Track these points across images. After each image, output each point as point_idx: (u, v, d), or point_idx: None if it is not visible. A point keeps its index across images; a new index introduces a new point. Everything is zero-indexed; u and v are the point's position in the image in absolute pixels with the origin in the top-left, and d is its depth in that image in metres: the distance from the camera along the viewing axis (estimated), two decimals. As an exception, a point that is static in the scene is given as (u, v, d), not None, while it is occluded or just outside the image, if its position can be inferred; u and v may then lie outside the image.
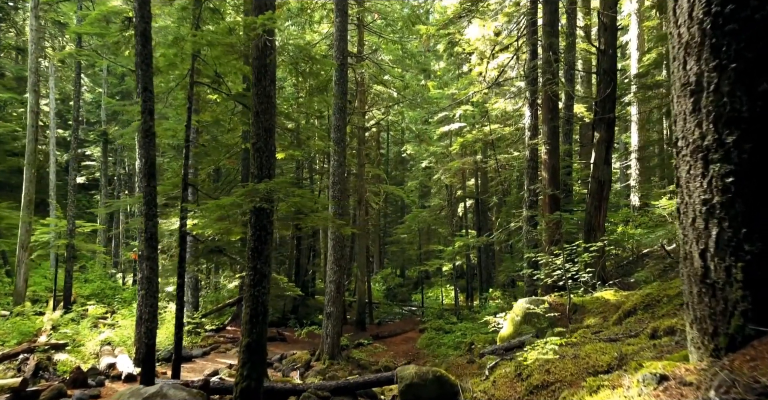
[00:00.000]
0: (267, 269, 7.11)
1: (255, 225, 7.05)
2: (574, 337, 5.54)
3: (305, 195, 7.02)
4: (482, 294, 23.96)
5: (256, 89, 7.36)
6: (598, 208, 12.35)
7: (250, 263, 7.09)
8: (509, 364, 4.73)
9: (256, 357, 6.84)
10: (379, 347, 16.36)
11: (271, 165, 7.27)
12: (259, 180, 7.00)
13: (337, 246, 14.44)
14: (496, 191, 24.03)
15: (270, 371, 13.39)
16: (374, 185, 25.63)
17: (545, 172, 13.08)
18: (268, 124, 7.31)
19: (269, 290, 7.21)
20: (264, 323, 7.03)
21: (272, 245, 7.28)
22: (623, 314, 5.86)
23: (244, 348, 6.84)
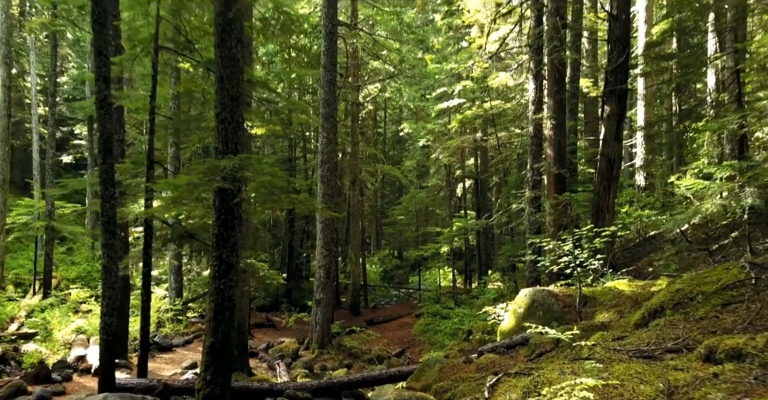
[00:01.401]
0: (234, 258, 6.20)
1: (220, 208, 6.11)
2: (591, 340, 4.65)
3: (277, 174, 6.06)
4: (481, 277, 23.17)
5: (219, 51, 6.35)
6: (608, 188, 11.40)
7: (214, 251, 6.17)
8: (515, 384, 3.83)
9: (221, 360, 5.96)
10: (372, 335, 15.59)
11: (238, 139, 6.29)
12: (223, 156, 6.04)
13: (327, 229, 13.54)
14: (497, 170, 23.06)
15: (255, 362, 12.62)
16: (370, 165, 24.65)
17: (550, 149, 12.09)
18: (234, 92, 6.31)
19: (237, 283, 6.31)
20: (231, 320, 6.14)
21: (242, 230, 6.35)
22: (648, 313, 4.95)
23: (208, 349, 5.96)
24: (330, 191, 13.61)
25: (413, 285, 28.84)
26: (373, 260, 33.01)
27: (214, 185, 5.86)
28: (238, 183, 5.87)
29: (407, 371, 7.34)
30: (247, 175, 5.92)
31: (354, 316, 20.00)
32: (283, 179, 6.06)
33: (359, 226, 21.62)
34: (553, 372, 3.43)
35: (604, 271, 8.87)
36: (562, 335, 5.66)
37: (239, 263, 6.31)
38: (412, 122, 27.02)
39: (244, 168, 5.95)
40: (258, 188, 6.08)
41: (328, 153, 13.61)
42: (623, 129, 11.80)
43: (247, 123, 10.19)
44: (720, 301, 4.35)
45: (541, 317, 7.50)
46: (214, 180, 5.65)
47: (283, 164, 25.19)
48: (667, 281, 7.16)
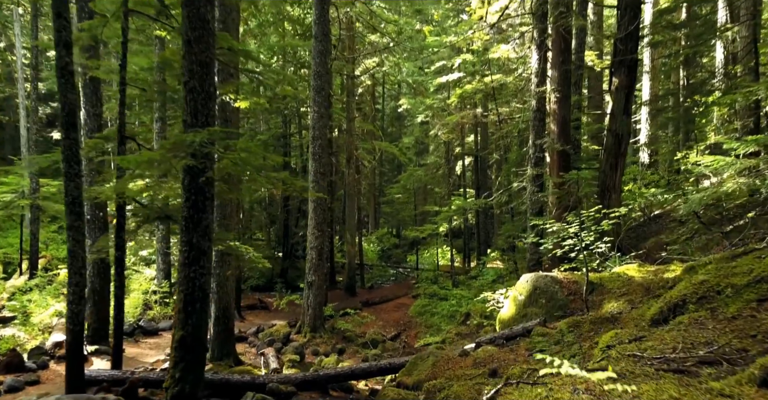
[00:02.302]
0: (206, 243, 5.60)
1: (189, 188, 5.48)
2: (603, 340, 4.07)
3: (252, 149, 5.41)
4: (480, 256, 22.68)
5: (186, 10, 5.63)
6: (615, 166, 10.75)
7: (183, 235, 5.56)
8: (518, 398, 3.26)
9: (192, 355, 5.41)
10: (367, 317, 15.11)
11: (209, 111, 5.62)
12: (192, 130, 5.38)
13: (319, 209, 12.93)
14: (497, 147, 22.34)
15: (244, 347, 12.17)
16: (367, 142, 23.92)
17: (554, 124, 11.40)
18: (203, 57, 5.62)
19: (211, 270, 5.72)
20: (203, 312, 5.57)
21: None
22: (667, 307, 4.37)
23: (177, 344, 5.41)
24: (322, 169, 12.96)
25: (411, 264, 28.39)
26: (371, 238, 32.49)
27: (182, 162, 5.22)
28: (207, 160, 5.23)
29: (399, 363, 6.82)
30: (218, 151, 5.27)
31: (350, 296, 19.55)
32: (258, 156, 5.41)
33: (355, 205, 21.00)
34: (564, 390, 2.85)
35: (610, 255, 8.29)
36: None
37: (212, 249, 5.72)
38: (411, 97, 26.17)
39: (215, 143, 5.30)
40: (233, 166, 5.44)
41: (319, 129, 12.91)
42: (632, 102, 11.08)
43: (230, 96, 9.50)
44: (754, 296, 3.76)
45: (544, 305, 6.95)
46: (179, 156, 5.00)
47: (277, 141, 24.47)
48: (682, 266, 6.58)
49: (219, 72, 9.94)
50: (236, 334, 12.76)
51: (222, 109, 10.09)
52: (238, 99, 9.37)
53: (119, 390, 6.07)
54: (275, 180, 5.76)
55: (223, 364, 9.79)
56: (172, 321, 5.59)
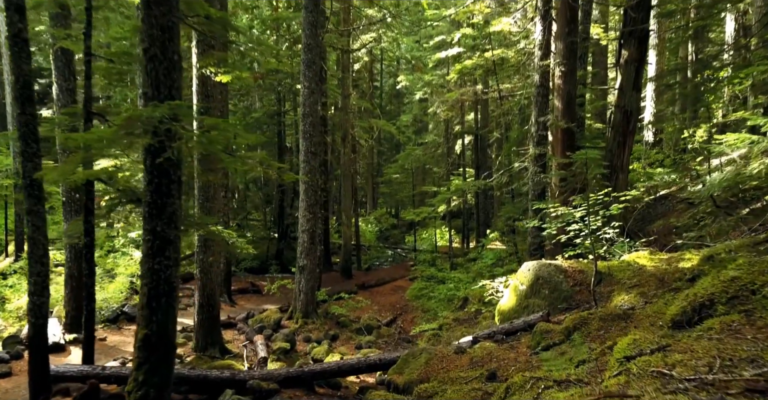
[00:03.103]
0: (172, 231, 5.01)
1: (151, 170, 4.87)
2: (619, 347, 3.51)
3: (221, 126, 4.78)
4: (479, 238, 22.16)
5: (145, -33, 4.94)
6: (623, 144, 10.14)
7: (146, 223, 4.98)
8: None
9: (158, 355, 4.87)
10: (362, 301, 14.63)
11: (173, 82, 4.98)
12: (153, 103, 4.75)
13: (310, 190, 12.33)
14: (498, 125, 21.61)
15: (232, 334, 11.71)
16: (364, 120, 23.18)
17: (558, 100, 10.72)
18: (165, 21, 4.95)
19: (179, 261, 5.15)
20: (170, 307, 5.01)
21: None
22: (691, 306, 3.80)
23: (140, 343, 4.86)
24: (313, 148, 12.31)
25: (409, 245, 27.93)
26: (369, 219, 31.96)
27: (140, 141, 4.60)
28: (170, 139, 4.60)
29: (389, 359, 6.31)
30: (183, 128, 4.64)
31: (346, 279, 19.10)
32: (227, 134, 4.78)
33: (351, 185, 20.38)
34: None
35: (618, 241, 7.72)
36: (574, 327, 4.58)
37: (179, 237, 5.13)
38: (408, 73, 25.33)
39: (178, 119, 4.67)
40: (198, 145, 4.82)
41: (310, 105, 12.21)
42: (642, 77, 10.40)
43: (210, 69, 8.81)
44: (798, 299, 3.19)
45: (547, 296, 6.41)
46: (133, 134, 4.38)
47: (270, 118, 23.73)
48: (698, 254, 6.01)
49: (198, 44, 9.25)
50: (225, 320, 12.30)
51: (203, 83, 9.42)
52: (219, 73, 8.67)
53: (77, 395, 5.55)
54: (251, 161, 5.15)
55: (207, 354, 9.32)
56: (137, 322, 5.05)
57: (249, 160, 5.17)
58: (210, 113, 9.46)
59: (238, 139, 4.86)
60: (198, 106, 9.40)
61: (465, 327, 11.24)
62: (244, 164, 5.12)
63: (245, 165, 5.15)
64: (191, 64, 9.81)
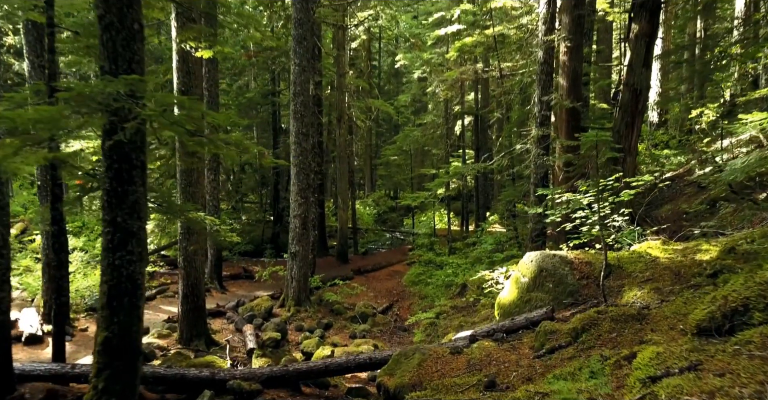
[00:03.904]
0: (136, 222, 4.49)
1: (110, 154, 4.32)
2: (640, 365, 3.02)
3: (187, 104, 4.22)
4: (479, 221, 21.69)
5: None
6: (631, 125, 9.56)
7: (106, 213, 4.45)
8: None
9: (120, 361, 4.39)
10: (357, 288, 14.21)
11: (134, 55, 4.39)
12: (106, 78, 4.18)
13: (302, 174, 11.78)
14: (499, 105, 20.92)
15: (221, 323, 11.28)
16: (361, 100, 22.51)
17: (563, 78, 10.10)
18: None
19: (144, 256, 4.64)
20: (135, 307, 4.51)
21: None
22: (721, 311, 3.30)
23: (100, 347, 4.38)
24: (305, 129, 11.72)
25: (408, 228, 27.48)
26: (367, 201, 31.46)
27: (93, 120, 4.04)
28: (125, 119, 4.04)
29: (380, 358, 5.85)
30: (143, 106, 4.07)
31: (342, 263, 18.66)
32: (193, 113, 4.22)
33: (347, 167, 19.81)
34: None
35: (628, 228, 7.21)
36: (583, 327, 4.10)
37: (144, 229, 4.61)
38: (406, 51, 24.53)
39: (137, 96, 4.10)
40: (166, 126, 4.26)
41: (301, 84, 11.59)
42: (653, 53, 9.77)
43: (190, 44, 8.20)
44: None
45: (551, 290, 5.92)
46: (80, 113, 3.82)
47: (264, 98, 23.04)
48: (717, 244, 5.50)
49: (177, 16, 8.60)
50: (214, 308, 11.88)
51: (183, 59, 8.80)
52: (200, 47, 8.06)
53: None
54: (224, 144, 4.60)
55: (192, 347, 8.89)
56: (96, 323, 4.57)
57: (222, 144, 4.62)
58: (192, 92, 8.88)
59: (207, 118, 4.31)
60: (179, 84, 8.81)
61: (463, 316, 10.81)
62: (217, 148, 4.58)
63: (218, 148, 4.61)
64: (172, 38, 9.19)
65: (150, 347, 8.58)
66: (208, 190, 13.93)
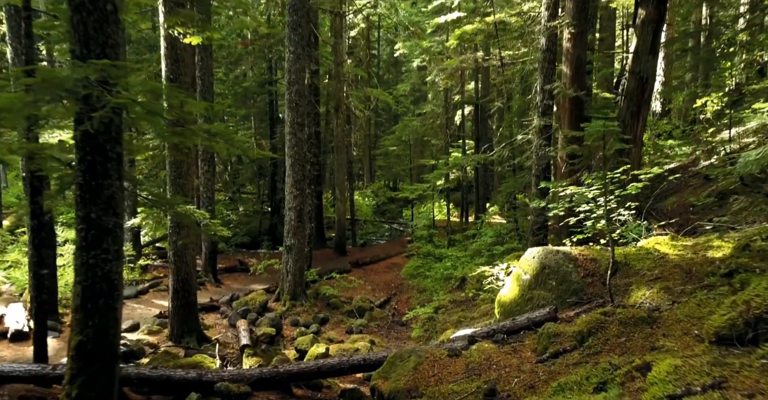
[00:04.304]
0: (112, 219, 4.19)
1: (83, 146, 4.02)
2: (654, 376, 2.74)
3: (158, 90, 3.90)
4: (479, 212, 21.40)
5: None
6: (636, 114, 9.24)
7: (79, 209, 4.16)
8: None
9: (96, 367, 4.12)
10: (354, 281, 13.95)
11: (107, 38, 4.06)
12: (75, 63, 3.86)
13: (297, 165, 11.47)
14: (500, 94, 20.55)
15: (214, 318, 11.04)
16: (358, 89, 22.12)
17: (567, 65, 9.76)
18: (93, -39, 4.01)
19: (121, 254, 4.35)
20: (111, 309, 4.24)
21: (122, 178, 4.29)
22: (743, 319, 3.03)
23: (74, 352, 4.11)
24: (299, 119, 11.38)
25: (407, 219, 27.20)
26: (366, 192, 31.12)
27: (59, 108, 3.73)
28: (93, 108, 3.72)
29: (374, 359, 5.59)
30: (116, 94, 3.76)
31: (339, 256, 18.41)
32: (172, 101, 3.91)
33: (345, 158, 19.48)
34: None
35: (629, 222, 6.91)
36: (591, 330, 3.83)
37: (121, 225, 4.32)
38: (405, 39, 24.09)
39: (110, 82, 3.78)
40: (141, 115, 3.96)
41: (296, 72, 11.24)
42: (660, 39, 9.41)
43: (178, 29, 7.85)
44: None
45: (554, 288, 5.64)
46: (42, 100, 3.51)
47: (261, 87, 22.63)
48: (730, 241, 5.21)
49: (165, 1, 8.24)
50: (207, 303, 11.64)
51: (172, 46, 8.45)
52: (188, 34, 7.72)
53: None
54: (207, 136, 4.29)
55: (183, 343, 8.64)
56: (70, 319, 4.29)
57: (206, 135, 4.31)
58: (181, 80, 8.54)
59: (186, 107, 4.00)
60: (167, 71, 8.48)
61: (462, 310, 10.56)
62: (199, 139, 4.27)
63: (200, 140, 4.30)
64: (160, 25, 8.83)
65: (140, 343, 8.34)
66: (202, 182, 13.63)
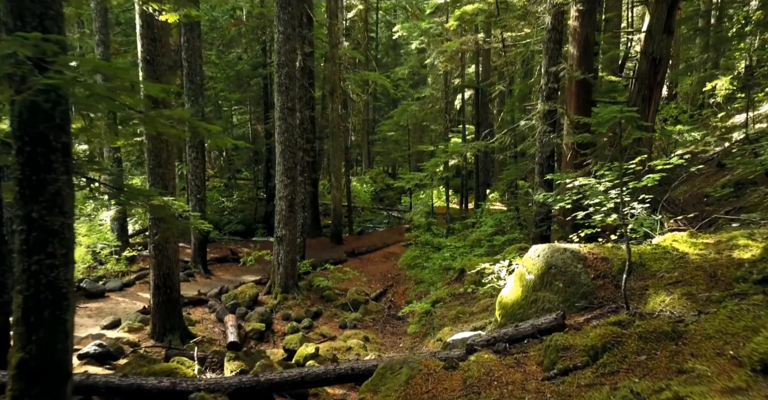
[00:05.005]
0: (57, 219, 3.65)
1: (21, 134, 3.46)
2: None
3: (106, 69, 3.34)
4: (479, 200, 20.87)
5: None
6: (648, 98, 8.64)
7: (18, 208, 3.61)
8: None
9: (41, 387, 3.60)
10: (349, 272, 13.47)
11: (46, 8, 3.48)
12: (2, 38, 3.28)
13: (287, 152, 10.90)
14: (501, 76, 19.86)
15: (201, 312, 10.57)
16: (356, 73, 21.40)
17: (574, 46, 9.13)
18: None
19: (70, 259, 3.82)
20: (59, 321, 3.71)
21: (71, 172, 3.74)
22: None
23: (16, 371, 3.58)
24: (290, 103, 10.78)
25: (405, 206, 26.68)
26: (364, 178, 30.52)
27: None
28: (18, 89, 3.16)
29: (363, 369, 5.09)
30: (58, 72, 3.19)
31: (335, 245, 17.92)
32: (123, 83, 3.35)
33: (341, 144, 18.88)
34: None
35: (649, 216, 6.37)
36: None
37: (70, 225, 3.78)
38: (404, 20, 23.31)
39: (47, 61, 3.21)
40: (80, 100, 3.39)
41: (286, 54, 10.61)
42: (675, 17, 8.77)
43: (152, 5, 7.22)
44: None
45: (561, 290, 5.12)
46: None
47: (254, 70, 21.92)
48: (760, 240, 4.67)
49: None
50: (195, 296, 11.17)
51: (148, 25, 7.84)
52: (164, 10, 7.10)
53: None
54: (167, 123, 3.73)
55: (165, 342, 8.17)
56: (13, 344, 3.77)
57: (166, 122, 3.75)
58: (158, 61, 7.94)
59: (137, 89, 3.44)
60: (143, 52, 7.87)
61: (461, 304, 10.09)
62: (151, 125, 3.72)
63: (154, 127, 3.74)
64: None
65: (118, 342, 7.86)
66: (190, 169, 13.09)
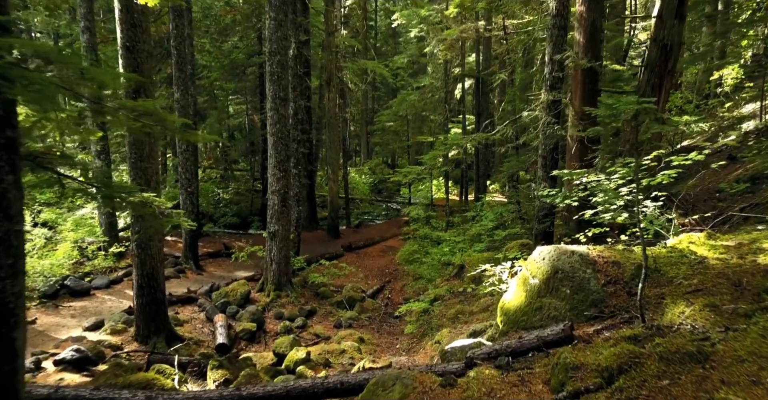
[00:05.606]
0: (2, 224, 3.22)
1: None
2: None
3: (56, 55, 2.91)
4: (479, 192, 20.43)
5: None
6: (658, 87, 8.17)
7: (-42, 213, 3.19)
8: None
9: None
10: (346, 268, 13.08)
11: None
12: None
13: (280, 144, 10.45)
14: (502, 65, 19.33)
15: (190, 311, 10.18)
16: (354, 62, 20.90)
17: (580, 32, 8.65)
18: None
19: (20, 269, 3.40)
20: (9, 341, 3.28)
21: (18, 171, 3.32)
22: None
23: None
24: (282, 93, 10.31)
25: (404, 197, 26.29)
26: (363, 169, 30.08)
27: None
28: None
29: (353, 383, 4.70)
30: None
31: (332, 238, 17.54)
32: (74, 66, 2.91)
33: (338, 135, 18.42)
34: None
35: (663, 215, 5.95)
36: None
37: (19, 233, 3.36)
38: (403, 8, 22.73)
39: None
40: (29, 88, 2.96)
41: (277, 41, 10.12)
42: (687, 2, 8.27)
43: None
44: None
45: (568, 297, 4.71)
46: None
47: (249, 59, 21.38)
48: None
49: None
50: (185, 294, 10.79)
51: (127, 9, 7.36)
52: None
53: None
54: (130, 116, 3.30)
55: (149, 345, 7.79)
56: None
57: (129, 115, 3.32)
58: (139, 48, 7.47)
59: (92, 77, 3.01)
60: (122, 38, 7.40)
61: (460, 302, 9.71)
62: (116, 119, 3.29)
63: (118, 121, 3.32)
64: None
65: (99, 346, 7.48)
66: (180, 162, 12.66)
